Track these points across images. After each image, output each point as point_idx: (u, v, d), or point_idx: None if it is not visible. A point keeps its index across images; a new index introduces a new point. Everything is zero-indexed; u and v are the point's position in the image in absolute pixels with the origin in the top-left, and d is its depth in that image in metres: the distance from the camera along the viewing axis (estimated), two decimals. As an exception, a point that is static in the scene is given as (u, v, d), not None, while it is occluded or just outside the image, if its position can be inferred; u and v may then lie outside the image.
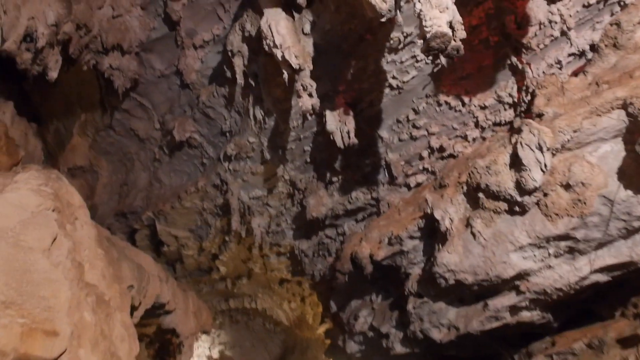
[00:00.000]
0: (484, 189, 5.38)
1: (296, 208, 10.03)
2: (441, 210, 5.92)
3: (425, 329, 6.68)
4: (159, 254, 12.91)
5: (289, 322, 14.92)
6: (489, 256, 5.51)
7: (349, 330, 8.58)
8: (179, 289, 9.24)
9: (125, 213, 12.28)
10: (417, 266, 6.77)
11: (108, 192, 12.66)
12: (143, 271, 7.45)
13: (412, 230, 6.56)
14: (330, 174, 9.00)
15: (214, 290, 14.37)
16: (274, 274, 12.52)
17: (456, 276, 5.79)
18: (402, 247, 6.77)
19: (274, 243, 10.97)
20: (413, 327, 6.86)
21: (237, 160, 9.54)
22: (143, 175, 11.90)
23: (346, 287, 8.67)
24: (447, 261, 5.73)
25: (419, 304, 6.64)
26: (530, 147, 4.85)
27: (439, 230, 6.00)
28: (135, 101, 10.36)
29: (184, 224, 11.51)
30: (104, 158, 12.26)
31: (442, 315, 6.49)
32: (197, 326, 9.44)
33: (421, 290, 6.58)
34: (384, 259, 7.02)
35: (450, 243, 5.73)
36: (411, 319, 6.84)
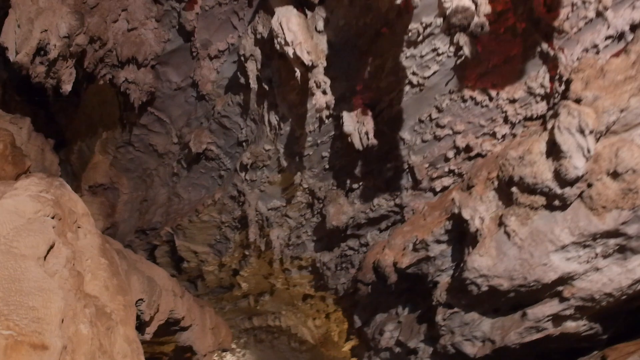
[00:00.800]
0: (517, 182, 4.74)
1: (316, 218, 9.46)
2: (470, 209, 5.28)
3: (457, 342, 5.99)
4: (180, 270, 12.45)
5: (314, 340, 14.22)
6: (526, 258, 4.84)
7: (374, 346, 7.91)
8: (195, 305, 8.71)
9: (145, 230, 11.90)
10: (445, 273, 6.11)
11: (129, 209, 12.31)
12: (154, 285, 6.95)
13: (439, 233, 5.91)
14: (350, 180, 8.42)
15: (236, 308, 13.81)
16: (297, 289, 11.90)
17: (490, 282, 5.12)
18: (428, 253, 6.12)
19: (294, 256, 10.39)
20: (443, 340, 6.17)
21: (253, 169, 9.05)
22: (162, 191, 11.52)
23: (370, 300, 8.03)
24: (479, 265, 5.07)
25: (449, 315, 5.96)
26: (570, 131, 4.20)
27: (468, 231, 5.35)
28: (152, 116, 10.03)
29: (202, 239, 11.04)
30: (124, 175, 11.97)
31: (476, 327, 5.80)
32: (215, 343, 8.87)
33: (451, 300, 5.90)
34: (409, 267, 6.37)
35: (482, 245, 5.08)
36: (441, 332, 6.16)
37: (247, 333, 15.47)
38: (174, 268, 12.42)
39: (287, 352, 15.79)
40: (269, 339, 15.55)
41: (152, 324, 7.30)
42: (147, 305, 6.73)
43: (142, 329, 7.23)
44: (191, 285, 13.05)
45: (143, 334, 7.27)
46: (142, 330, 7.23)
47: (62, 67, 8.26)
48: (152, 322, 7.32)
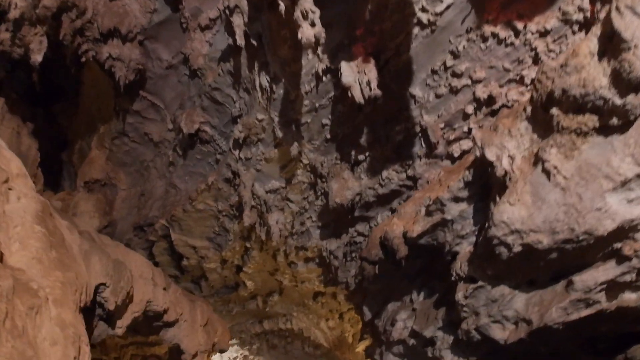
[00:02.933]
0: (559, 99, 3.42)
1: (320, 201, 8.19)
2: (495, 147, 3.96)
3: (482, 326, 4.64)
4: (181, 270, 11.27)
5: (329, 344, 12.85)
6: (572, 203, 3.51)
7: (386, 340, 6.56)
8: (184, 299, 7.50)
9: (142, 226, 10.76)
10: (466, 241, 4.77)
11: (127, 206, 11.21)
12: (123, 269, 5.77)
13: (457, 188, 4.59)
14: (355, 152, 7.14)
15: (245, 310, 12.53)
16: (305, 286, 10.60)
17: (524, 239, 3.79)
18: (445, 215, 4.80)
19: (299, 246, 9.12)
20: (466, 325, 4.83)
21: (247, 146, 7.85)
22: (159, 183, 10.39)
23: (380, 287, 6.70)
24: (510, 217, 3.74)
25: (472, 292, 4.62)
26: (635, 11, 2.90)
27: (493, 177, 4.03)
28: (145, 101, 8.95)
29: (200, 231, 9.85)
30: (121, 170, 10.91)
31: (506, 305, 4.45)
32: (207, 342, 7.62)
33: (474, 272, 4.57)
34: (422, 236, 5.05)
35: (513, 191, 3.75)
36: (463, 314, 4.81)
37: (259, 338, 14.16)
38: (176, 268, 11.25)
39: (302, 357, 14.40)
40: (282, 344, 14.20)
41: (124, 316, 6.12)
42: (112, 291, 5.54)
43: (112, 321, 6.05)
44: (195, 286, 11.84)
45: (114, 327, 6.09)
46: (112, 322, 6.05)
47: (30, 34, 7.24)
48: (125, 314, 6.14)
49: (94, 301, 5.53)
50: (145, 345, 8.14)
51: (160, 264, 11.14)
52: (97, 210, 10.93)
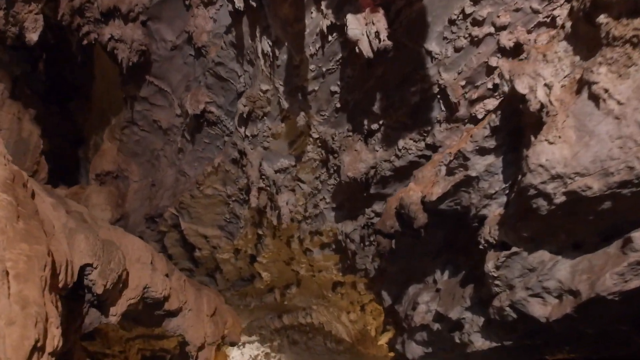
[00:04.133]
0: (607, 1, 2.64)
1: (333, 180, 7.46)
2: (528, 77, 3.16)
3: (519, 301, 3.85)
4: (196, 263, 10.70)
5: (351, 338, 12.07)
6: (630, 134, 2.71)
7: (407, 326, 5.79)
8: (190, 287, 6.86)
9: (154, 216, 10.22)
10: (495, 202, 3.99)
11: (139, 198, 10.69)
12: (113, 250, 5.16)
13: (482, 136, 3.80)
14: (368, 120, 6.39)
15: (263, 304, 11.87)
16: (323, 275, 9.87)
17: (568, 185, 3.00)
18: (469, 172, 4.03)
19: (313, 231, 8.40)
20: (499, 301, 4.04)
21: (253, 122, 7.19)
22: (170, 172, 9.82)
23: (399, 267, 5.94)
24: (550, 159, 2.96)
25: (504, 260, 3.83)
26: None
27: (527, 114, 3.24)
28: (152, 86, 8.40)
29: (210, 219, 9.23)
30: (133, 161, 10.41)
31: (547, 274, 3.65)
32: (215, 334, 6.96)
33: (506, 236, 3.78)
34: (443, 199, 4.28)
35: (552, 127, 2.96)
36: (495, 289, 4.03)
37: (280, 334, 13.47)
38: (189, 260, 10.66)
39: (325, 354, 13.64)
40: (304, 340, 13.47)
41: (118, 303, 5.51)
42: (100, 273, 4.93)
43: (105, 308, 5.44)
44: (211, 280, 11.24)
45: (107, 315, 5.49)
46: (105, 309, 5.44)
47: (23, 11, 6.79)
48: (119, 301, 5.53)
49: (81, 284, 4.94)
50: (152, 338, 7.53)
51: (173, 257, 10.58)
52: (109, 203, 10.43)
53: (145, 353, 7.98)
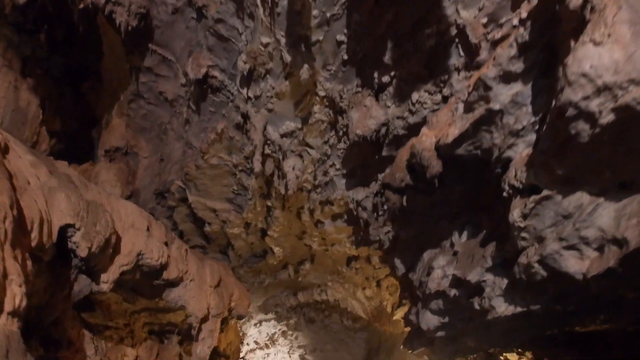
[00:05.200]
0: None
1: (343, 143, 6.81)
2: (566, -34, 2.48)
3: (550, 255, 3.17)
4: (207, 239, 10.21)
5: (367, 315, 11.48)
6: None
7: (422, 294, 5.14)
8: (192, 257, 6.32)
9: (163, 192, 9.73)
10: (522, 140, 3.28)
11: (149, 174, 10.21)
12: (99, 213, 4.61)
13: (507, 57, 3.07)
14: (378, 73, 5.70)
15: (277, 281, 11.33)
16: (336, 249, 9.27)
17: (618, 98, 2.29)
18: (491, 104, 3.33)
19: (324, 200, 7.78)
20: (525, 258, 3.37)
21: (255, 82, 6.56)
22: (177, 145, 9.29)
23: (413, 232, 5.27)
24: (596, 65, 2.26)
25: (533, 207, 3.15)
26: None
27: (565, 16, 2.55)
28: (156, 55, 7.82)
29: (218, 191, 8.67)
30: (142, 137, 9.92)
31: (586, 221, 2.96)
32: (220, 306, 6.41)
33: (536, 178, 3.08)
34: (460, 142, 3.60)
35: (598, 24, 2.27)
36: (521, 242, 3.35)
37: (296, 312, 12.95)
38: (201, 237, 10.16)
39: (342, 332, 13.09)
40: (320, 318, 12.93)
41: (110, 270, 4.99)
42: (84, 236, 4.39)
43: (95, 274, 4.92)
44: (224, 257, 10.73)
45: (98, 282, 4.98)
46: (95, 276, 4.93)
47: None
48: (111, 267, 5.01)
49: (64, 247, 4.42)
50: (158, 311, 7.01)
51: (185, 234, 10.09)
52: (118, 179, 9.98)
53: (153, 327, 7.49)
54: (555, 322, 4.73)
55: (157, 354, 7.22)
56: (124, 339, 6.76)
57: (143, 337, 7.12)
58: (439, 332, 5.24)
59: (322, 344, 13.80)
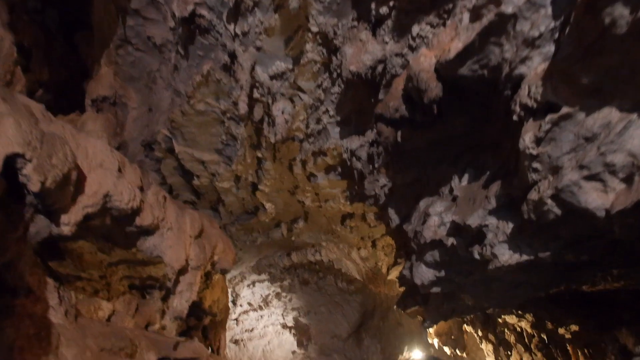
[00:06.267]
0: None
1: (337, 87, 6.22)
2: None
3: (566, 188, 2.64)
4: (198, 195, 9.73)
5: (362, 277, 11.09)
6: None
7: (416, 246, 4.65)
8: (171, 204, 5.83)
9: (150, 143, 9.21)
10: (537, 52, 2.69)
11: (139, 126, 9.66)
12: (58, 144, 4.08)
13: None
14: (376, 3, 5.08)
15: (270, 240, 10.89)
16: (330, 206, 8.77)
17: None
18: (502, 7, 2.73)
19: (317, 151, 7.24)
20: (536, 193, 2.83)
21: (243, 16, 5.95)
22: (166, 94, 8.69)
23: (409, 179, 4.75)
24: None
25: (549, 129, 2.59)
26: None
27: None
28: None
29: (206, 141, 8.13)
30: (130, 86, 9.34)
31: (613, 144, 2.41)
32: (201, 258, 5.96)
33: (555, 93, 2.51)
34: (464, 58, 3.01)
35: None
36: (532, 175, 2.81)
37: (289, 274, 12.59)
38: (191, 192, 9.66)
39: (336, 295, 12.75)
40: (314, 279, 12.58)
41: (72, 210, 4.50)
42: (37, 168, 3.87)
43: (54, 215, 4.45)
44: (215, 214, 10.26)
45: (58, 223, 4.50)
46: (55, 217, 4.45)
47: None
48: (73, 208, 4.52)
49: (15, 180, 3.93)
50: (137, 264, 6.56)
51: (174, 188, 9.60)
52: (105, 130, 9.44)
53: (134, 282, 7.04)
54: (562, 277, 4.23)
55: (136, 308, 6.80)
56: (98, 292, 6.33)
57: (121, 291, 6.69)
58: (434, 288, 4.75)
59: (317, 306, 13.50)
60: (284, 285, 13.06)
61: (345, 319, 13.16)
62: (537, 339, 6.83)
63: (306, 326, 14.20)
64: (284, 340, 14.67)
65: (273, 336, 14.86)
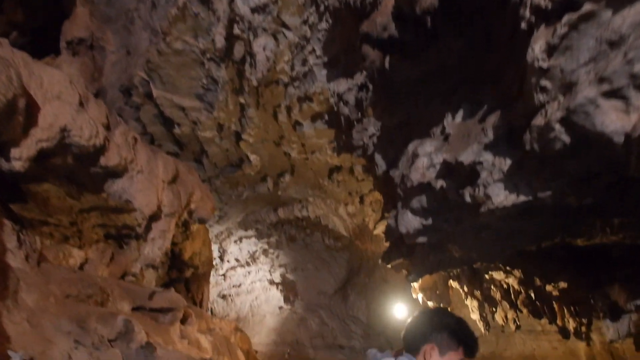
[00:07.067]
0: None
1: (325, 23, 5.66)
2: None
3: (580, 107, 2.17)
4: (180, 145, 9.21)
5: (349, 233, 10.75)
6: None
7: (403, 192, 4.22)
8: (143, 147, 5.32)
9: (129, 88, 8.62)
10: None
11: (117, 71, 9.02)
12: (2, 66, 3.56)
13: None
14: None
15: (256, 194, 10.44)
16: (317, 158, 8.31)
17: None
18: None
19: (302, 96, 6.71)
20: (543, 118, 2.36)
21: (222, -62, 5.32)
22: (144, 35, 8.03)
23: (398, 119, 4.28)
24: None
25: (564, 34, 2.09)
26: None
27: None
28: None
29: (185, 85, 7.55)
30: (108, 28, 8.68)
31: None
32: (175, 203, 5.50)
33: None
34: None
35: None
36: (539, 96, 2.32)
37: (277, 230, 12.21)
38: (172, 142, 9.10)
39: (323, 251, 12.44)
40: (302, 236, 12.22)
41: (23, 144, 3.99)
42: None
43: (3, 148, 3.95)
44: (199, 166, 9.75)
45: (8, 158, 4.01)
46: (4, 151, 3.95)
47: None
48: (24, 141, 4.01)
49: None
50: (110, 211, 6.11)
51: (155, 138, 9.04)
52: (81, 75, 8.82)
53: (110, 230, 6.60)
54: (558, 226, 3.83)
55: (111, 257, 6.39)
56: (69, 238, 5.91)
57: (94, 239, 6.27)
58: (419, 238, 4.34)
59: (304, 263, 13.22)
60: (271, 241, 12.72)
61: (332, 275, 12.91)
62: (524, 295, 6.53)
63: (293, 282, 13.97)
64: (271, 296, 14.47)
65: (260, 292, 14.65)
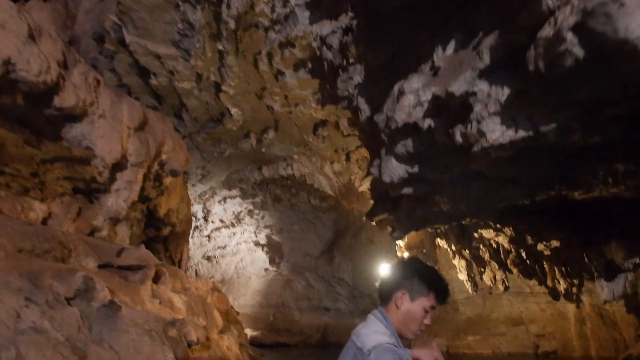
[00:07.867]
0: None
1: (307, -44, 5.11)
2: None
3: (599, 9, 1.74)
4: (159, 98, 8.64)
5: (335, 192, 10.38)
6: None
7: (387, 136, 3.80)
8: (106, 90, 4.81)
9: (102, 35, 7.98)
10: None
11: (91, 19, 8.33)
12: None
13: None
14: None
15: (240, 152, 9.98)
16: (301, 111, 7.82)
17: None
18: None
19: (283, 41, 6.18)
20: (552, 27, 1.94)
21: None
22: (119, -23, 7.39)
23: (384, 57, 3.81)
24: None
25: None
26: None
27: None
28: None
29: (161, 31, 6.95)
30: (81, -30, 8.00)
31: None
32: (143, 152, 5.03)
33: None
34: None
35: None
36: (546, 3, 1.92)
37: (261, 189, 11.80)
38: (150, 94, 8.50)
39: (309, 212, 12.10)
40: (287, 196, 11.84)
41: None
42: None
43: None
44: (179, 122, 9.21)
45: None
46: None
47: None
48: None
49: None
50: (75, 162, 5.63)
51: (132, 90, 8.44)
52: (53, 22, 8.13)
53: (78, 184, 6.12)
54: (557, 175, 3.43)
55: (78, 212, 5.94)
56: (29, 190, 5.45)
57: (59, 192, 5.80)
58: (405, 189, 3.93)
59: (289, 224, 12.89)
60: (256, 202, 12.34)
61: (318, 237, 12.62)
62: (514, 254, 6.23)
63: (279, 244, 13.69)
64: (257, 257, 14.20)
65: (246, 253, 14.37)
